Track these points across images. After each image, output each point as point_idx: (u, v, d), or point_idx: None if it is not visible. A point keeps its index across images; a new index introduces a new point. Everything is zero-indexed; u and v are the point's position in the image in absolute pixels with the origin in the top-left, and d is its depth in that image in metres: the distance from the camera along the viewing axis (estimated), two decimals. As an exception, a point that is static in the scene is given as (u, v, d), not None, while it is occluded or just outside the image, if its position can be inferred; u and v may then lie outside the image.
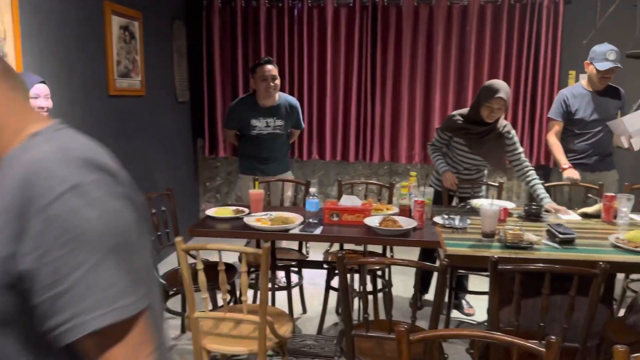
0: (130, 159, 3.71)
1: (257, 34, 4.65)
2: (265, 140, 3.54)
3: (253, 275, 3.26)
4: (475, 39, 4.41)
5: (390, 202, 3.41)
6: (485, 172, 3.29)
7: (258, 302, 2.18)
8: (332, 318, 3.26)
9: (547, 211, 2.83)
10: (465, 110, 3.07)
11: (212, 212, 2.78)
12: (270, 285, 2.99)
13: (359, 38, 4.55)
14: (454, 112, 3.11)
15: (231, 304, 2.85)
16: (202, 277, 2.00)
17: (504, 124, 3.03)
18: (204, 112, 4.81)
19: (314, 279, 3.82)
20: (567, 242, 2.26)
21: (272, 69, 3.40)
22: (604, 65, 3.23)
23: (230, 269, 2.86)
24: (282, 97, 3.59)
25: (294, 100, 3.68)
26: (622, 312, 3.19)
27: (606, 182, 3.33)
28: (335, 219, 2.65)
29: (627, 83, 4.29)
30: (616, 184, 3.45)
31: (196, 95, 4.86)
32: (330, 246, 3.37)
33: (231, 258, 3.10)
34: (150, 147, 4.02)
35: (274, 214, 2.72)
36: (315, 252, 3.45)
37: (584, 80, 3.47)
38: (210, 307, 2.14)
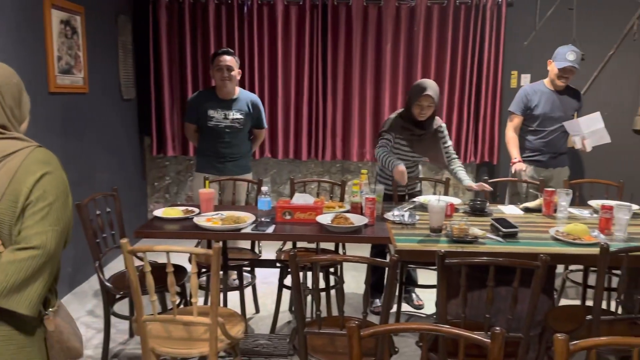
0: (74, 159, 3.56)
1: (206, 30, 4.57)
2: (223, 133, 3.43)
3: (205, 277, 3.21)
4: (422, 39, 4.51)
5: (342, 199, 3.43)
6: (420, 167, 3.38)
7: (209, 303, 2.14)
8: (285, 316, 3.25)
9: (468, 189, 3.04)
10: (400, 111, 3.14)
11: (160, 212, 2.71)
12: (221, 286, 2.95)
13: (309, 36, 4.55)
14: (392, 114, 3.16)
15: (181, 306, 2.79)
16: (149, 279, 1.95)
17: (439, 123, 3.17)
18: (151, 110, 4.68)
19: (267, 278, 3.80)
20: (510, 236, 2.35)
21: (229, 59, 3.32)
22: (561, 64, 3.42)
23: (181, 270, 2.80)
24: (243, 92, 3.53)
25: (256, 98, 3.61)
26: (562, 302, 3.36)
27: (558, 179, 3.51)
28: (288, 217, 2.64)
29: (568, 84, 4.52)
30: (568, 179, 3.62)
31: (143, 92, 4.72)
32: (283, 245, 3.36)
33: (181, 260, 3.03)
34: (94, 146, 3.87)
35: (225, 213, 2.68)
36: (268, 251, 3.43)
37: (546, 79, 3.63)
38: (159, 310, 2.09)
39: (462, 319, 1.93)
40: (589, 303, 2.18)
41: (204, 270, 3.15)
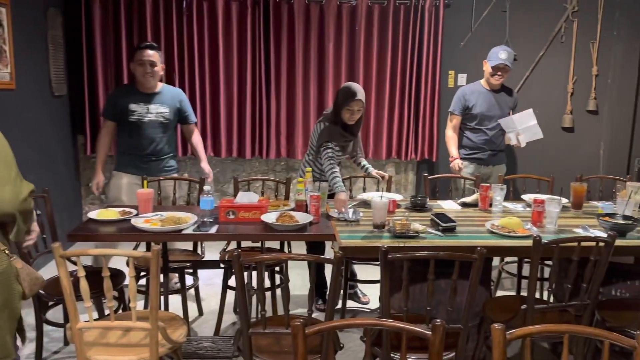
0: (-1, 159, 3.33)
1: (142, 25, 4.41)
2: (147, 129, 3.24)
3: (144, 280, 3.10)
4: (364, 38, 4.57)
5: (287, 197, 3.43)
6: None
7: (149, 307, 2.06)
8: (230, 318, 3.20)
9: (371, 176, 3.22)
10: (328, 116, 3.05)
11: (94, 214, 2.59)
12: (162, 289, 2.87)
13: (251, 33, 4.50)
14: (323, 121, 3.05)
15: (120, 311, 2.69)
16: (84, 284, 1.85)
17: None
18: (84, 107, 4.46)
19: (211, 279, 3.73)
20: (449, 230, 2.43)
21: (152, 54, 3.16)
22: (493, 62, 3.59)
23: (119, 274, 2.69)
24: (166, 86, 3.38)
25: (181, 91, 3.47)
26: (499, 293, 3.50)
27: (497, 175, 3.67)
28: (232, 216, 2.60)
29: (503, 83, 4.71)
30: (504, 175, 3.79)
31: (75, 89, 4.49)
32: (227, 245, 3.30)
33: (119, 263, 2.91)
34: (22, 145, 3.64)
35: (165, 214, 2.60)
36: (212, 251, 3.36)
37: (483, 79, 3.79)
38: (96, 316, 1.99)
39: (405, 312, 1.96)
40: (524, 293, 2.29)
41: (143, 273, 3.04)
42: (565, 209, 2.89)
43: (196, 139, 3.57)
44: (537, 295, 2.94)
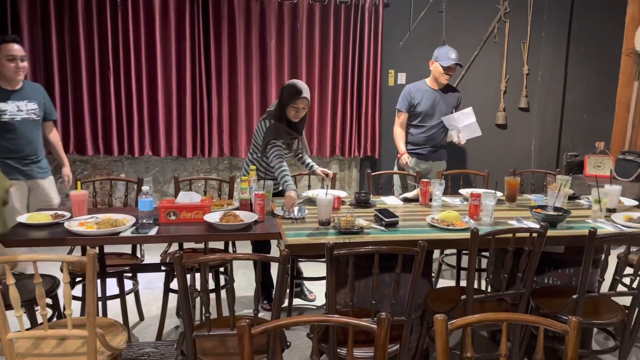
0: None
1: (74, 20, 4.20)
2: (21, 128, 3.05)
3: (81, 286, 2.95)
4: (306, 36, 4.57)
5: (231, 197, 3.37)
6: None
7: (86, 314, 1.97)
8: (173, 322, 3.11)
9: (316, 174, 3.22)
10: (272, 114, 3.03)
11: (24, 218, 2.44)
12: (100, 294, 2.75)
13: (190, 29, 4.39)
14: (268, 118, 3.03)
15: (54, 319, 2.55)
16: (13, 292, 1.74)
17: None
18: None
19: (152, 283, 3.61)
20: (392, 225, 2.47)
21: (20, 48, 3.00)
22: (446, 63, 3.71)
23: (52, 280, 2.55)
24: (26, 82, 3.18)
25: (39, 85, 3.31)
26: (440, 284, 3.61)
27: (436, 171, 3.80)
28: (173, 217, 2.52)
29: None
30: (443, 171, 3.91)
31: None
32: (169, 247, 3.21)
33: (53, 269, 2.76)
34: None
35: (101, 216, 2.49)
36: (152, 254, 3.25)
37: (428, 78, 3.89)
38: (28, 325, 1.88)
39: (351, 307, 1.98)
40: (463, 284, 2.37)
41: (79, 279, 2.90)
42: (500, 202, 3.02)
43: (56, 137, 3.41)
44: (476, 285, 3.06)
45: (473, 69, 4.89)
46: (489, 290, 2.59)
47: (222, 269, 3.05)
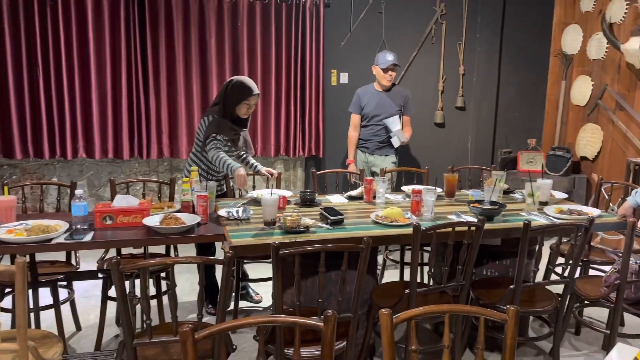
0: None
1: (-3, 14, 3.94)
2: None
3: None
4: (247, 34, 4.51)
5: (172, 199, 3.27)
6: None
7: (17, 326, 1.84)
8: (112, 330, 2.98)
9: (261, 174, 3.19)
10: (216, 110, 3.00)
11: (-56, 227, 2.26)
12: (32, 305, 2.59)
13: (125, 27, 4.23)
14: (210, 114, 2.99)
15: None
16: None
17: None
18: None
19: (89, 291, 3.45)
20: (337, 223, 2.48)
21: None
22: (384, 65, 3.97)
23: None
24: None
25: None
26: (385, 280, 3.67)
27: (383, 164, 4.04)
28: (109, 222, 2.41)
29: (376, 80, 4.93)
30: (392, 165, 4.14)
31: None
32: (106, 253, 3.07)
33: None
34: None
35: (31, 222, 2.34)
36: (88, 261, 3.10)
37: (376, 81, 4.12)
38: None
39: (298, 306, 1.97)
40: (407, 278, 2.41)
41: (7, 290, 2.71)
42: (440, 197, 3.11)
43: None
44: (419, 279, 3.13)
45: (412, 69, 5.00)
46: (431, 283, 2.66)
47: (163, 274, 2.96)
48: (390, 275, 3.96)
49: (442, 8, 4.94)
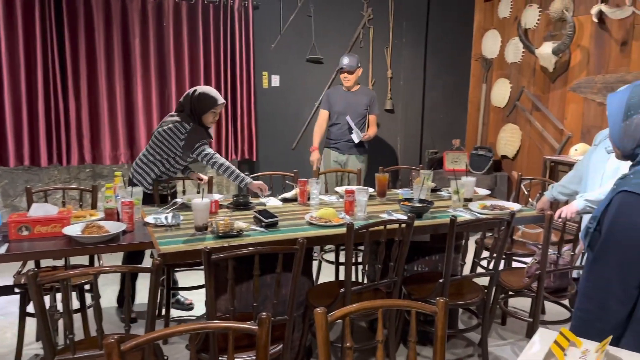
0: None
1: None
2: None
3: None
4: (173, 35, 4.38)
5: (94, 207, 3.10)
6: None
7: None
8: (33, 348, 2.78)
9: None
10: (186, 118, 2.99)
11: None
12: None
13: (41, 26, 3.97)
14: (185, 122, 2.97)
15: None
16: None
17: None
18: None
19: (5, 308, 3.21)
20: (272, 226, 2.46)
21: None
22: (339, 66, 4.26)
23: None
24: None
25: None
26: (320, 280, 3.68)
27: (353, 164, 4.27)
28: (25, 232, 2.25)
29: (308, 83, 4.98)
30: (363, 165, 4.32)
31: None
32: (23, 266, 2.86)
33: None
34: None
35: None
36: (4, 276, 2.88)
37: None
38: None
39: (232, 312, 1.93)
40: (342, 278, 2.43)
41: None
42: (372, 197, 3.16)
43: None
44: (354, 278, 3.16)
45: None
46: (365, 281, 2.69)
47: (88, 287, 2.79)
48: (326, 276, 3.98)
49: (369, 13, 5.05)
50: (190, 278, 3.39)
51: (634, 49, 3.83)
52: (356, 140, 4.25)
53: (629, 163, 1.41)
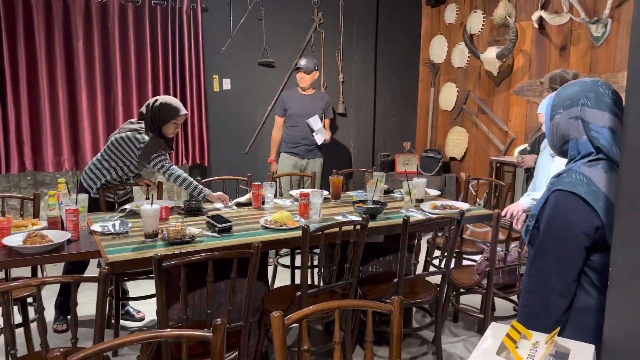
0: None
1: None
2: None
3: None
4: (118, 38, 4.25)
5: (36, 216, 2.95)
6: None
7: None
8: (-32, 370, 2.60)
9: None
10: (146, 128, 2.93)
11: None
12: None
13: (-25, 25, 3.76)
14: (143, 132, 2.92)
15: None
16: None
17: None
18: None
19: (-63, 328, 2.98)
20: (226, 231, 2.42)
21: None
22: (298, 66, 4.27)
23: None
24: None
25: None
26: (276, 285, 3.65)
27: (313, 168, 4.30)
28: (-41, 245, 2.11)
29: (260, 86, 4.94)
30: (320, 168, 4.38)
31: None
32: (-43, 281, 2.68)
33: None
34: None
35: None
36: None
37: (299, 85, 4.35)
38: None
39: (185, 320, 1.88)
40: (298, 281, 2.42)
41: None
42: (327, 200, 3.17)
43: None
44: (310, 281, 3.15)
45: (295, 75, 5.06)
46: (321, 284, 2.69)
47: (30, 299, 2.65)
48: (282, 281, 3.95)
49: (320, 17, 5.08)
50: (141, 287, 3.28)
51: (572, 53, 4.03)
52: (319, 142, 4.27)
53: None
